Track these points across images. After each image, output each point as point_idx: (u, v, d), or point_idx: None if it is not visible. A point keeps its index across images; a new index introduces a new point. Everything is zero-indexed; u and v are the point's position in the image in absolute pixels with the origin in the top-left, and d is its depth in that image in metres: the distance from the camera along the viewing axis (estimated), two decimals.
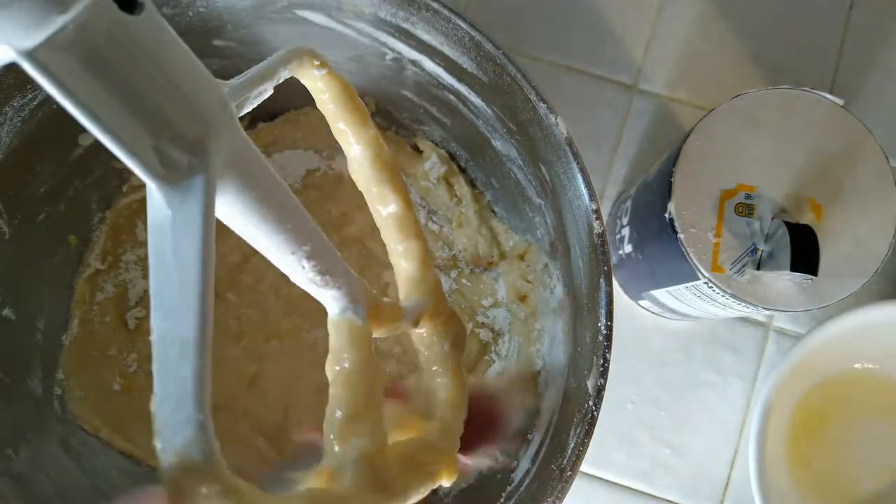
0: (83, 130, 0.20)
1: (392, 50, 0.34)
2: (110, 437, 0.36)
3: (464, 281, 0.41)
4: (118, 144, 0.14)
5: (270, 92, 0.21)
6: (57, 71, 0.13)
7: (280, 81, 0.21)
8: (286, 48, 0.21)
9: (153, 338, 0.15)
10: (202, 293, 0.15)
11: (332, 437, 0.20)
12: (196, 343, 0.15)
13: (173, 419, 0.15)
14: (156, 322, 0.15)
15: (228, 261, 0.39)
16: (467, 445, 0.26)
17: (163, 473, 0.15)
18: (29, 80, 0.30)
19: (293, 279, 0.20)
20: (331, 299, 0.21)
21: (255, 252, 0.19)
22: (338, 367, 0.21)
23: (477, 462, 0.32)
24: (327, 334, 0.22)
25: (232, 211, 0.18)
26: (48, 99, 0.31)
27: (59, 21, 0.12)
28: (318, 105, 0.23)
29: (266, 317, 0.39)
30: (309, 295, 0.21)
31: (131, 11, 0.14)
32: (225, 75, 0.19)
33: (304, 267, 0.20)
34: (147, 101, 0.14)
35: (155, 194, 0.15)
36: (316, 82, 0.23)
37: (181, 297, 0.15)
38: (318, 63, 0.22)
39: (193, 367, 0.15)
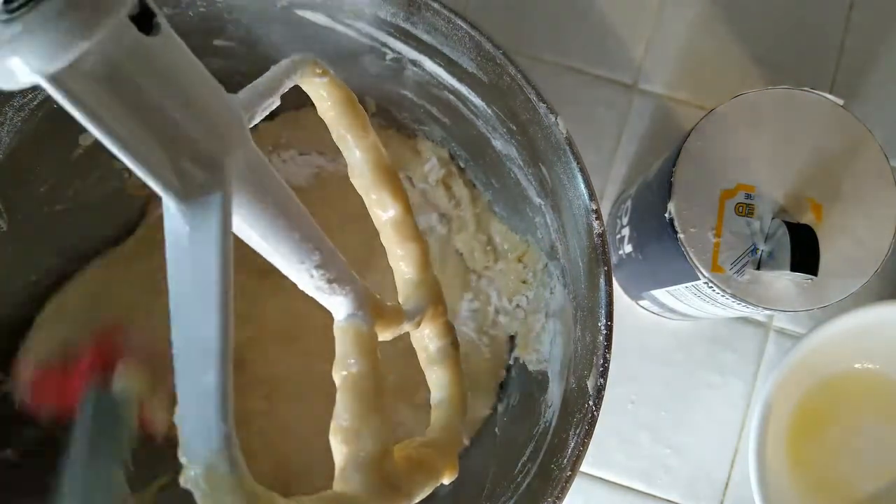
0: (83, 130, 0.20)
1: (392, 50, 0.34)
2: None
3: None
4: (138, 163, 0.14)
5: (278, 103, 0.21)
6: (80, 93, 0.13)
7: (285, 91, 0.22)
8: (290, 58, 0.22)
9: (174, 352, 0.15)
10: (223, 305, 0.15)
11: (339, 441, 0.20)
12: (218, 354, 0.15)
13: (198, 432, 0.15)
14: (176, 337, 0.15)
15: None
16: None
17: (190, 486, 0.15)
18: None
19: (300, 286, 0.21)
20: (337, 305, 0.21)
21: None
22: (344, 372, 0.21)
23: None
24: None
25: (243, 223, 0.18)
26: (48, 99, 0.31)
27: (84, 45, 0.12)
28: (320, 112, 0.24)
29: (273, 327, 0.39)
30: (315, 302, 0.21)
31: (148, 32, 0.14)
32: (225, 75, 0.19)
33: (312, 276, 0.20)
34: (167, 120, 0.15)
35: (173, 210, 0.16)
36: (318, 90, 0.23)
37: (202, 311, 0.15)
38: (320, 71, 0.23)
39: (216, 379, 0.15)
